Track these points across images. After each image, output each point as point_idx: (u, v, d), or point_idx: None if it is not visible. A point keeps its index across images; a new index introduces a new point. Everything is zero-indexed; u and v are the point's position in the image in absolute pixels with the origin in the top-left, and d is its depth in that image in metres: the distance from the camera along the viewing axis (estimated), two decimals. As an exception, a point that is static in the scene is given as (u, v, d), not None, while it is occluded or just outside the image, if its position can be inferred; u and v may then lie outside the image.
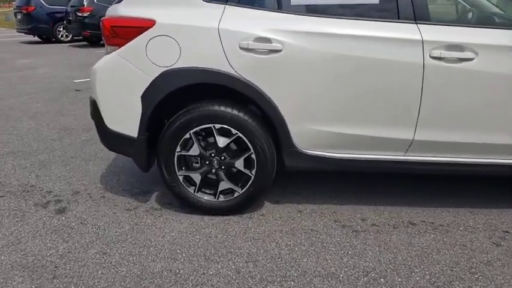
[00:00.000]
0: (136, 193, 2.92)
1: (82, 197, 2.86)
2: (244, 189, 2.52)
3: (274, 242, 2.31)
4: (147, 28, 2.31)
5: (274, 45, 2.26)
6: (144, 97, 2.37)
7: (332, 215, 2.60)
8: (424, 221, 2.51)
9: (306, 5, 2.38)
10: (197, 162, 2.56)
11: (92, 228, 2.46)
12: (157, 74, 2.34)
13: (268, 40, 2.26)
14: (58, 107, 5.37)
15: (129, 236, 2.37)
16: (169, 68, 2.32)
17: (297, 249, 2.24)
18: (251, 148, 2.42)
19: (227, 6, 2.32)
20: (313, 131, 2.39)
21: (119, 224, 2.50)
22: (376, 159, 2.44)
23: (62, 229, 2.44)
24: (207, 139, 2.50)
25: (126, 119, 2.46)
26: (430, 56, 2.21)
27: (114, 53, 2.39)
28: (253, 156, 2.44)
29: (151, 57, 2.33)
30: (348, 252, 2.21)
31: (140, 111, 2.40)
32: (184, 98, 2.46)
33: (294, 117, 2.36)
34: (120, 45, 2.37)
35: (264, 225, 2.48)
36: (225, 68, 2.30)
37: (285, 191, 2.89)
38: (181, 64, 2.31)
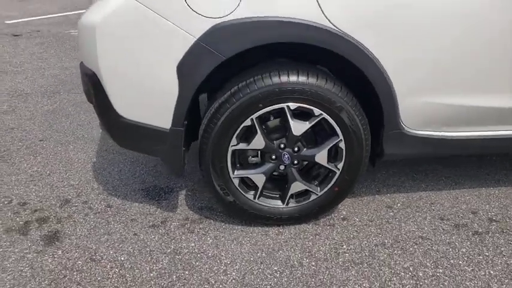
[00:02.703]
0: (155, 194, 2.10)
1: (77, 209, 1.99)
2: (324, 190, 1.80)
3: (387, 267, 1.65)
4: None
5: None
6: (183, 68, 1.49)
7: (431, 209, 1.97)
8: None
9: None
10: (256, 157, 1.78)
11: (110, 269, 1.65)
12: (204, 31, 1.45)
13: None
14: (-4, 62, 4.14)
15: (175, 279, 1.60)
16: (225, 19, 1.44)
17: (421, 274, 1.60)
18: (340, 134, 1.67)
19: None
20: (430, 104, 1.67)
21: (150, 256, 1.70)
22: (508, 136, 1.79)
23: (62, 280, 1.61)
24: (273, 124, 1.70)
25: (152, 103, 1.58)
26: None
27: (126, -4, 1.44)
28: (342, 144, 1.69)
29: (192, 2, 1.42)
30: (492, 273, 1.61)
31: (176, 90, 1.53)
32: (239, 66, 1.61)
33: (407, 86, 1.61)
34: (135, -17, 1.43)
35: (355, 237, 1.81)
36: (316, 18, 1.45)
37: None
38: (243, 13, 1.43)
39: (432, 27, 1.51)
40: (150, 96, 1.56)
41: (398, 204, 2.02)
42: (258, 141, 1.66)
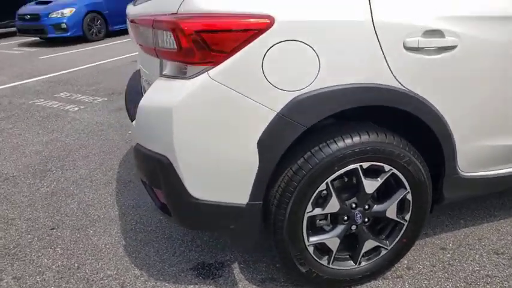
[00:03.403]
0: (207, 273, 1.96)
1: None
2: (394, 243, 1.81)
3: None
4: (261, 30, 1.38)
5: (448, 40, 1.54)
6: (264, 143, 1.46)
7: (482, 245, 2.04)
8: None
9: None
10: (324, 220, 1.75)
11: None
12: (284, 104, 1.44)
13: (440, 33, 1.53)
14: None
15: None
16: (305, 90, 1.45)
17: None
18: (407, 186, 1.71)
19: (368, -17, 1.49)
20: (486, 147, 1.77)
21: None
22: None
23: None
24: (344, 186, 1.70)
25: (229, 181, 1.52)
26: None
27: (202, 76, 1.40)
28: (409, 196, 1.73)
29: (271, 77, 1.41)
30: None
31: (256, 165, 1.49)
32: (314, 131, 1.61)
33: (466, 133, 1.70)
34: (214, 63, 1.40)
35: (428, 285, 1.80)
36: (386, 80, 1.51)
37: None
38: (321, 83, 1.45)
39: (491, 79, 1.63)
40: (228, 174, 1.50)
41: (450, 245, 2.07)
42: (333, 205, 1.64)
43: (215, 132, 1.45)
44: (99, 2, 9.56)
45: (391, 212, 1.74)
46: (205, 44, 1.38)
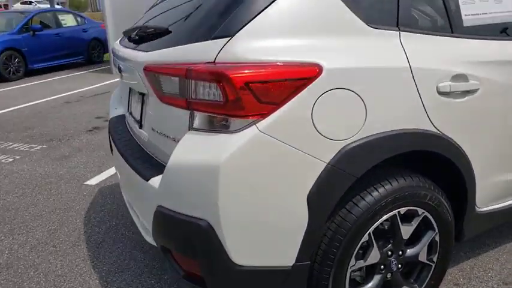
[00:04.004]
0: None
1: None
2: (424, 286, 1.77)
3: None
4: (311, 79, 1.30)
5: (471, 84, 1.59)
6: (314, 196, 1.35)
7: (490, 276, 2.09)
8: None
9: (486, 25, 1.73)
10: (357, 271, 1.66)
11: None
12: (334, 154, 1.35)
13: (464, 78, 1.57)
14: None
15: None
16: (352, 139, 1.38)
17: None
18: (436, 228, 1.70)
19: (402, 32, 1.50)
20: (499, 182, 1.83)
21: None
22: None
23: None
24: (381, 234, 1.64)
25: (276, 243, 1.37)
26: None
27: (250, 129, 1.26)
28: (437, 237, 1.72)
29: (320, 127, 1.32)
30: None
31: (305, 222, 1.37)
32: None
33: (486, 170, 1.75)
34: (263, 115, 1.28)
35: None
36: (424, 125, 1.50)
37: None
38: (369, 131, 1.39)
39: (500, 118, 1.71)
40: (275, 235, 1.36)
41: (461, 279, 2.09)
42: (374, 255, 1.57)
43: (263, 189, 1.31)
44: (16, 39, 8.81)
45: (423, 256, 1.71)
46: (255, 96, 1.26)
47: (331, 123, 1.34)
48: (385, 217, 1.54)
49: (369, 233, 1.52)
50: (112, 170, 3.60)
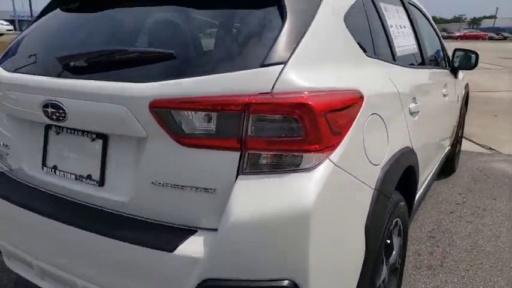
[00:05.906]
0: None
1: None
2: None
3: None
4: (360, 106, 1.27)
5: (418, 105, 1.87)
6: (371, 225, 1.31)
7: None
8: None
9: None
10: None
11: None
12: (376, 178, 1.36)
13: (415, 100, 1.85)
14: None
15: None
16: (385, 161, 1.41)
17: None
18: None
19: (380, 60, 1.63)
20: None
21: None
22: None
23: None
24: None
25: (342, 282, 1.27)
26: None
27: (326, 164, 1.13)
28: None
29: (368, 152, 1.31)
30: None
31: (362, 253, 1.31)
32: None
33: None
34: (333, 146, 1.16)
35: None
36: (408, 143, 1.67)
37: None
38: (391, 151, 1.46)
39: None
40: (351, 277, 1.26)
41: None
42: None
43: (339, 228, 1.20)
44: None
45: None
46: (329, 126, 1.15)
47: (372, 148, 1.35)
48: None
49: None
50: None
